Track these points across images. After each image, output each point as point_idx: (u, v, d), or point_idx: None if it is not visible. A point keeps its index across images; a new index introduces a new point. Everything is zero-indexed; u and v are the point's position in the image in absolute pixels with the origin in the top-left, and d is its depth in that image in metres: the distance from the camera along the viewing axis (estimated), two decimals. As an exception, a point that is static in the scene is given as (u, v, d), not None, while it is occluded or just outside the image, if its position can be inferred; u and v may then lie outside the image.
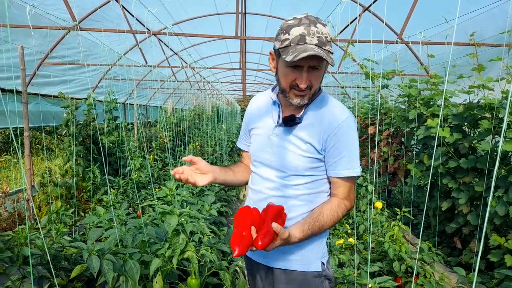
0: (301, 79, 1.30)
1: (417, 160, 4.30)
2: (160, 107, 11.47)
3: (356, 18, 5.39)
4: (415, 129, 4.27)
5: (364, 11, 5.35)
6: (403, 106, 4.99)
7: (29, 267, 2.50)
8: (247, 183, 1.66)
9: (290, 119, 1.38)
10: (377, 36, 5.48)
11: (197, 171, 1.44)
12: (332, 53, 1.29)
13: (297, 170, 1.40)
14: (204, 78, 10.73)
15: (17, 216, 3.82)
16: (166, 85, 10.44)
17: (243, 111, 23.13)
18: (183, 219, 1.75)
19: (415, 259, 3.17)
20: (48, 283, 2.48)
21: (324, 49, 1.24)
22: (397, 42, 4.09)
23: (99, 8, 4.49)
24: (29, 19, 2.53)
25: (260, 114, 1.55)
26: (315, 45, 1.23)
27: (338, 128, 1.35)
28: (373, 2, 4.94)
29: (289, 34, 1.27)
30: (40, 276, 2.56)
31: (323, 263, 1.47)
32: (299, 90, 1.32)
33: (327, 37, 1.27)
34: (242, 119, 1.83)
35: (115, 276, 2.21)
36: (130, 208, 4.46)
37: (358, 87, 6.75)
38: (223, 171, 1.54)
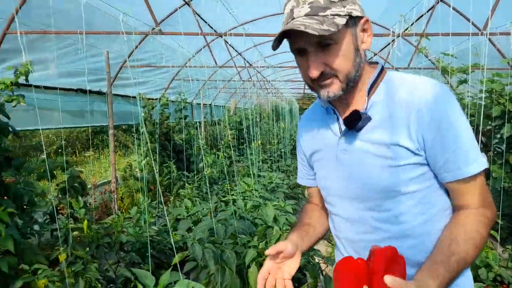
0: (308, 66, 0.96)
1: (500, 161, 4.01)
2: (223, 106, 11.84)
3: (430, 9, 5.14)
4: (497, 127, 3.97)
5: (439, 2, 5.08)
6: (482, 103, 4.67)
7: (123, 253, 2.74)
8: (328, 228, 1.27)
9: (354, 117, 0.99)
10: (453, 29, 5.17)
11: (283, 260, 1.05)
12: (341, 15, 0.92)
13: (391, 190, 0.98)
14: (264, 78, 10.86)
15: (105, 206, 4.18)
16: (229, 84, 10.72)
17: (301, 109, 22.89)
18: (276, 211, 1.82)
19: (503, 267, 2.96)
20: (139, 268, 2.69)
21: (320, 16, 0.91)
22: (482, 34, 3.83)
23: (178, 9, 4.75)
24: (122, 25, 2.75)
25: (314, 132, 1.16)
26: (305, 15, 0.92)
27: (433, 109, 0.94)
28: (450, -7, 4.67)
29: (283, 14, 0.99)
30: (132, 262, 2.79)
31: None
32: (318, 80, 0.97)
33: None
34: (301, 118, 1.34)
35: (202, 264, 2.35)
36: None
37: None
38: (304, 235, 1.15)
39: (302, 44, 0.94)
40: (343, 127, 1.04)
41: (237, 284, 1.68)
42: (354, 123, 0.99)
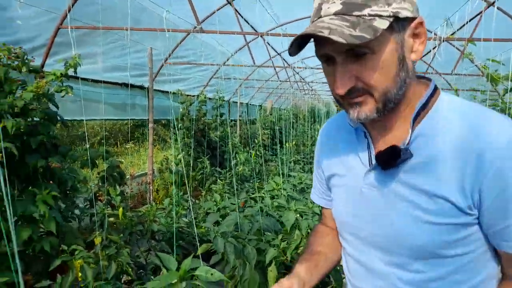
0: (334, 79, 0.75)
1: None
2: (260, 105, 11.95)
3: (478, 15, 4.92)
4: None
5: (489, 6, 4.86)
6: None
7: (154, 241, 2.87)
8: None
9: (391, 155, 0.76)
10: (503, 34, 4.94)
11: None
12: (383, 16, 0.70)
13: (425, 250, 0.78)
14: (303, 79, 10.83)
15: (140, 196, 4.38)
16: (266, 84, 10.80)
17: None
18: (298, 215, 1.85)
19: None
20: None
21: (354, 16, 0.69)
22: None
23: (216, 11, 4.87)
24: (165, 23, 2.87)
25: (337, 152, 0.94)
26: (335, 14, 0.71)
27: (502, 160, 0.69)
28: (502, -3, 4.46)
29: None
30: (162, 250, 2.91)
31: None
32: (347, 95, 0.75)
33: None
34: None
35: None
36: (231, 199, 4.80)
37: (475, 91, 6.16)
38: (313, 268, 0.97)
39: (329, 50, 0.73)
40: (373, 160, 0.83)
41: (257, 280, 1.72)
42: (390, 163, 0.76)
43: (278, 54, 8.19)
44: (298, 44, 0.76)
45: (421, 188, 0.76)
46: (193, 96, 6.15)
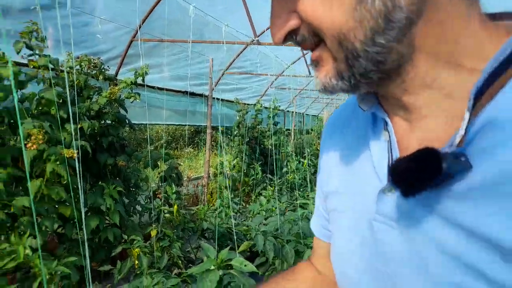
0: None
1: None
2: (316, 116, 11.96)
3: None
4: None
5: None
6: None
7: (204, 239, 3.06)
8: None
9: (419, 169, 0.35)
10: None
11: None
12: None
13: None
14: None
15: (195, 197, 4.65)
16: (322, 94, 10.80)
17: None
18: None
19: None
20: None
21: None
22: None
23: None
24: (223, 36, 3.09)
25: (341, 152, 0.57)
26: None
27: None
28: None
29: None
30: (211, 248, 3.09)
31: None
32: (304, 49, 0.43)
33: None
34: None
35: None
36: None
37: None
38: None
39: None
40: (385, 170, 0.46)
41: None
42: (417, 186, 0.36)
43: (336, 64, 8.20)
44: None
45: (490, 236, 0.34)
46: (250, 105, 6.39)
